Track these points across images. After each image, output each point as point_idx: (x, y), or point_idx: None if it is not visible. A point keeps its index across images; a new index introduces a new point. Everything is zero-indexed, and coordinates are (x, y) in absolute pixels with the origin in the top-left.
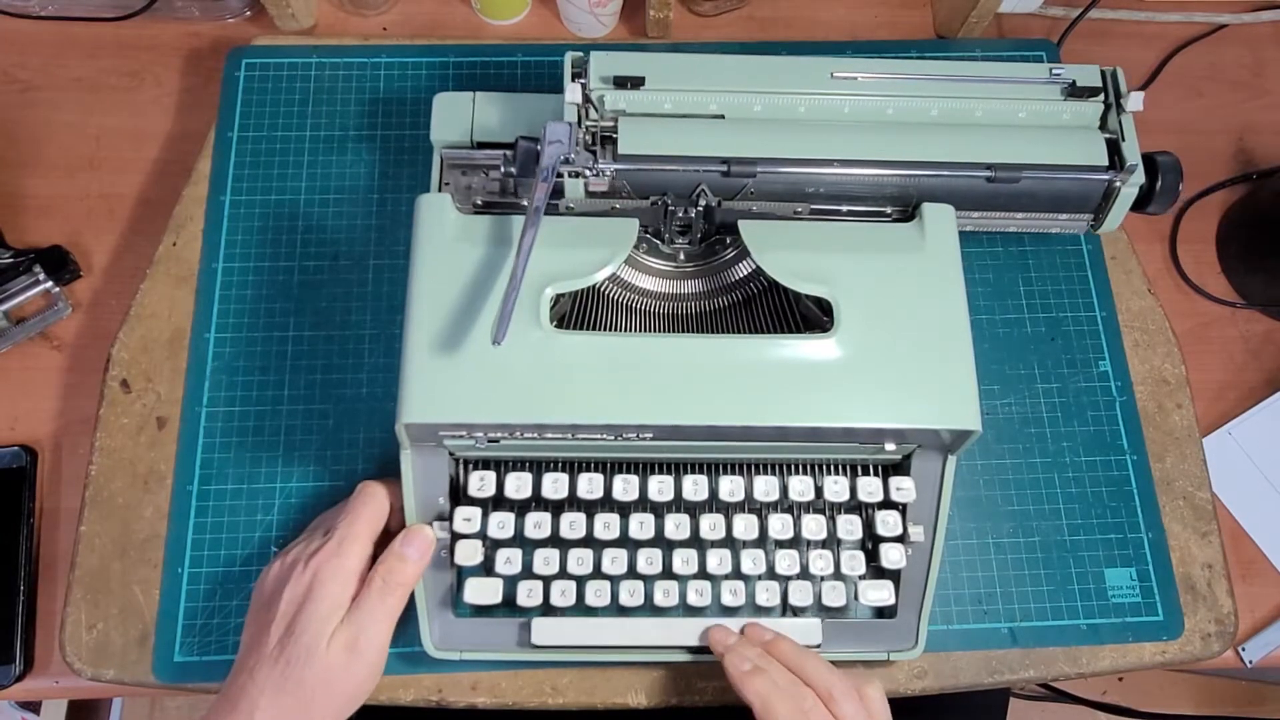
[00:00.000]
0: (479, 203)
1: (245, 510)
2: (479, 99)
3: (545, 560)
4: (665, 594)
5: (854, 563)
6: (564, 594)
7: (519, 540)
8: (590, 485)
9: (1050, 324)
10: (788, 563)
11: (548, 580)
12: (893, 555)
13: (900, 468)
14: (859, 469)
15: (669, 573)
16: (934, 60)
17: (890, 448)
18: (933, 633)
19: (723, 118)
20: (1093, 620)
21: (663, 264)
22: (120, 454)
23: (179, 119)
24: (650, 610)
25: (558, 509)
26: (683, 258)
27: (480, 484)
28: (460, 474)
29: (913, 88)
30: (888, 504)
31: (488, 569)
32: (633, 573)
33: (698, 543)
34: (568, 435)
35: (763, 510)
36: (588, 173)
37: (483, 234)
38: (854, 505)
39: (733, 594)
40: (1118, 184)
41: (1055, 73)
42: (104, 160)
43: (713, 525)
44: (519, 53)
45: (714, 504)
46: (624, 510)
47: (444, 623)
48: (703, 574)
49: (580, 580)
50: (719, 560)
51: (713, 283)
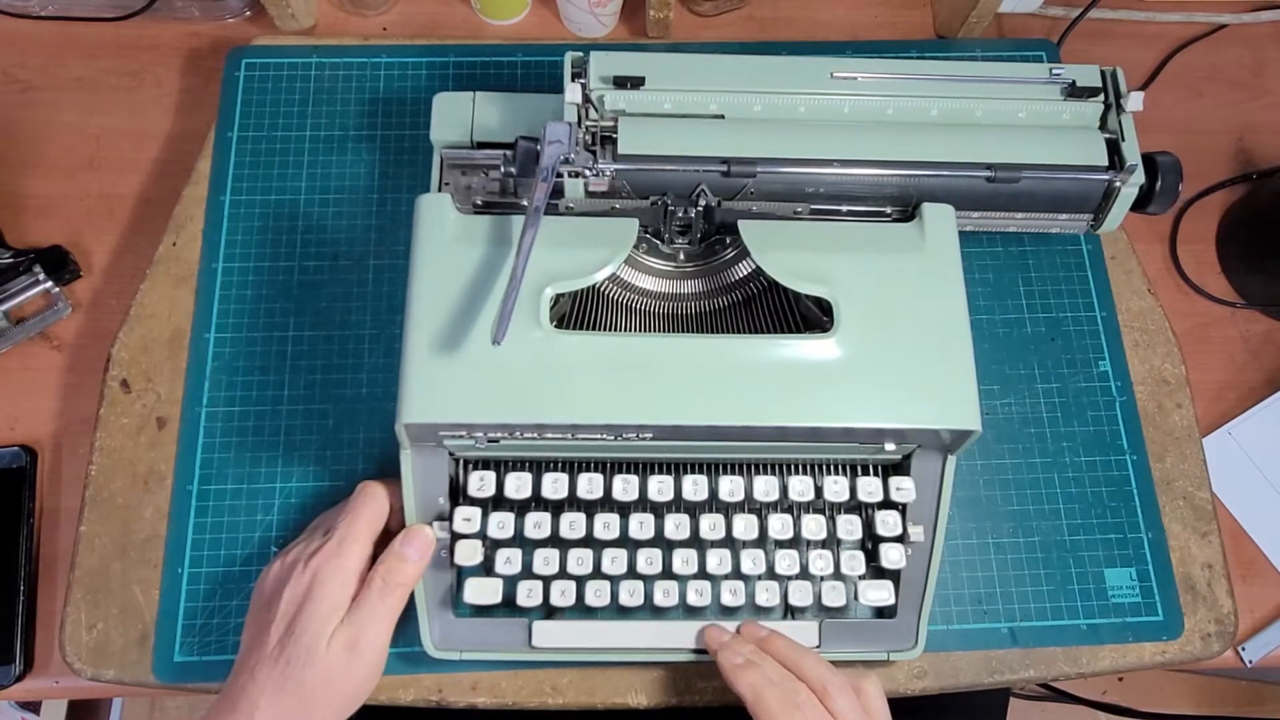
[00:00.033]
0: (479, 203)
1: (245, 510)
2: (479, 99)
3: (545, 560)
4: (665, 594)
5: (854, 563)
6: (564, 594)
7: (519, 540)
8: (590, 485)
9: (1050, 324)
10: (787, 563)
11: (548, 580)
12: (893, 555)
13: (900, 468)
14: (859, 469)
15: (669, 573)
16: (934, 60)
17: (890, 448)
18: (933, 633)
19: (723, 118)
20: (1093, 620)
21: (663, 264)
22: (120, 454)
23: (179, 119)
24: (650, 610)
25: (558, 509)
26: (683, 258)
27: (480, 484)
28: (460, 474)
29: (913, 88)
30: (888, 504)
31: (488, 569)
32: (633, 573)
33: (697, 543)
34: (568, 435)
35: (762, 510)
36: (587, 173)
37: (483, 234)
38: (854, 505)
39: (732, 594)
40: (1117, 184)
41: (1055, 73)
42: (104, 160)
43: (712, 525)
44: (519, 53)
45: (714, 504)
46: (624, 510)
47: (444, 623)
48: (702, 574)
49: (580, 580)
50: (719, 560)
51: (712, 283)
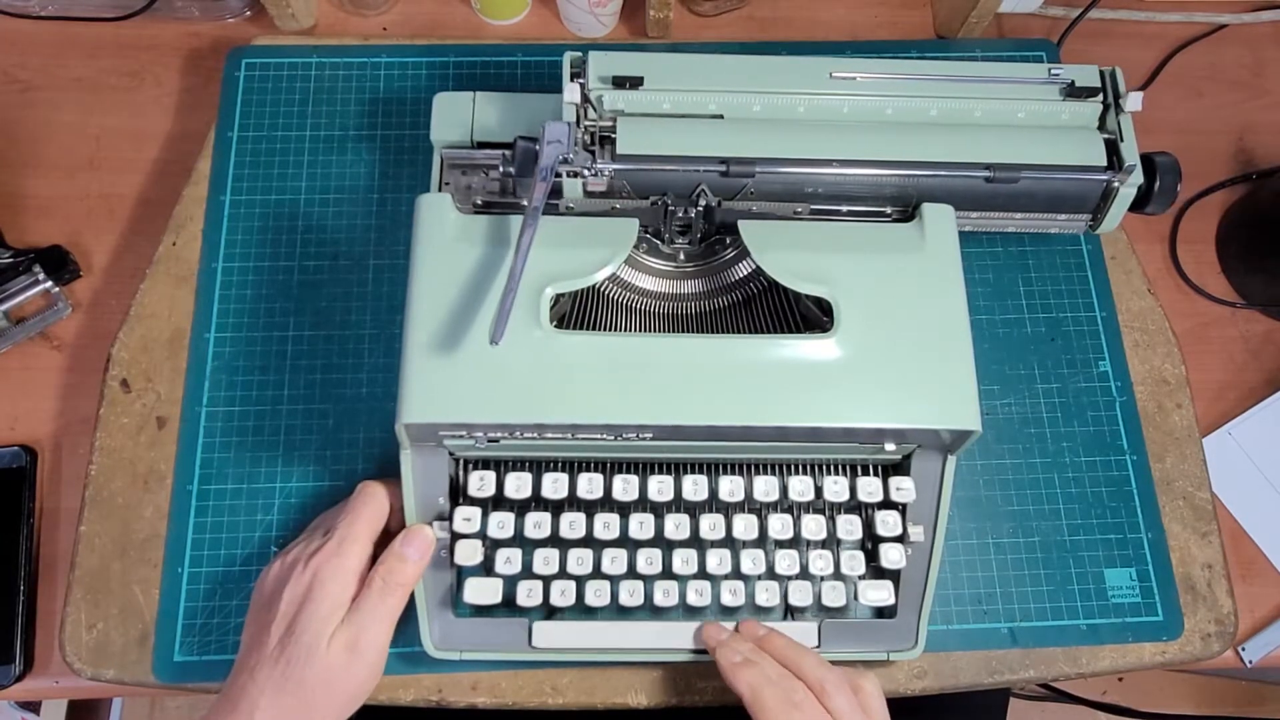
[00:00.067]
0: (479, 203)
1: (245, 510)
2: (479, 99)
3: (545, 560)
4: (665, 594)
5: (854, 563)
6: (564, 594)
7: (519, 540)
8: (590, 485)
9: (1050, 324)
10: (787, 563)
11: (548, 580)
12: (892, 555)
13: (900, 468)
14: (859, 469)
15: (669, 573)
16: (933, 60)
17: (890, 448)
18: (933, 633)
19: (721, 118)
20: (1093, 620)
21: (663, 264)
22: (120, 454)
23: (179, 119)
24: (650, 610)
25: (558, 509)
26: (683, 258)
27: (480, 484)
28: (460, 474)
29: (911, 88)
30: (888, 504)
31: (488, 569)
32: (632, 573)
33: (697, 543)
34: (568, 435)
35: (762, 510)
36: (586, 173)
37: (483, 234)
38: (854, 505)
39: (732, 594)
40: (1116, 184)
41: (1054, 73)
42: (104, 160)
43: (712, 525)
44: (519, 53)
45: (714, 504)
46: (624, 510)
47: (444, 623)
48: (702, 574)
49: (580, 580)
50: (719, 560)
51: (713, 283)
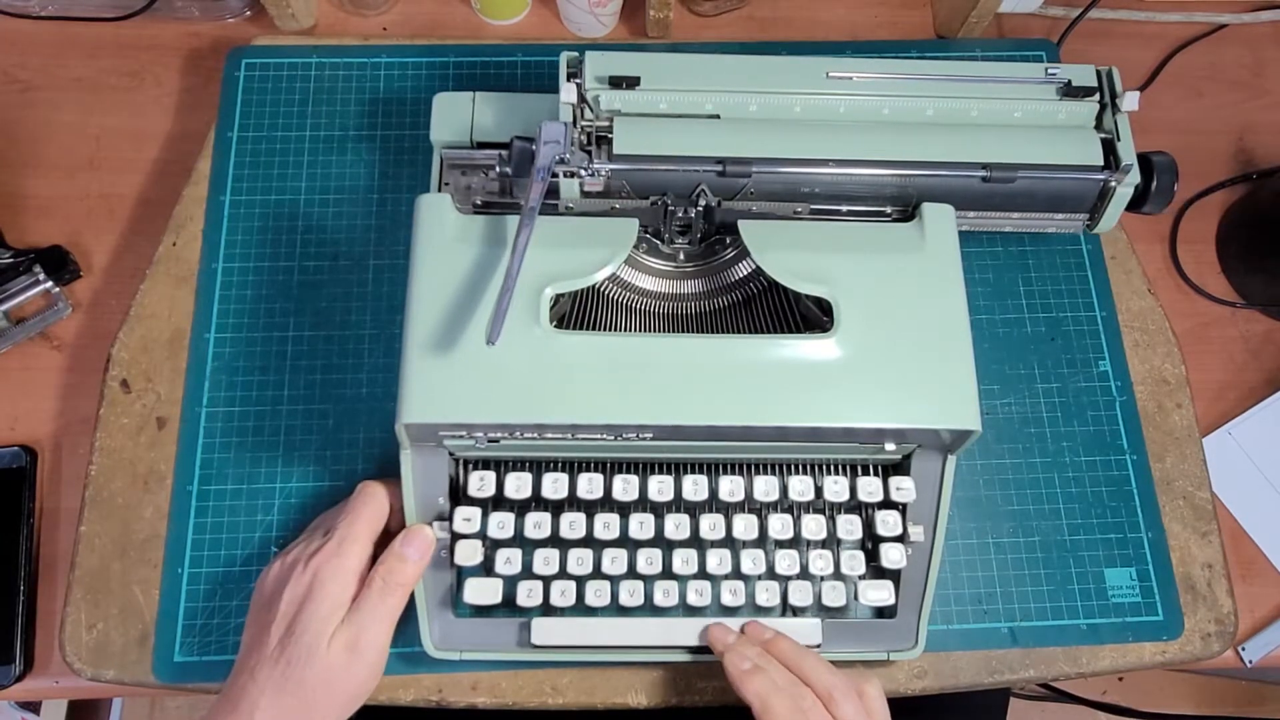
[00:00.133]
0: (479, 203)
1: (245, 510)
2: (479, 99)
3: (545, 560)
4: (665, 594)
5: (854, 563)
6: (564, 594)
7: (519, 540)
8: (590, 485)
9: (1050, 324)
10: (788, 563)
11: (548, 580)
12: (893, 555)
13: (900, 468)
14: (859, 469)
15: (669, 573)
16: (931, 60)
17: (890, 448)
18: (933, 633)
19: (718, 118)
20: (1093, 620)
21: (662, 264)
22: (120, 454)
23: (179, 119)
24: (650, 610)
25: (558, 509)
26: (682, 258)
27: (480, 484)
28: (460, 474)
29: (908, 87)
30: (888, 504)
31: (488, 569)
32: (633, 573)
33: (698, 543)
34: (567, 435)
35: (763, 510)
36: (583, 173)
37: (482, 234)
38: (854, 505)
39: (733, 594)
40: (1113, 184)
41: (1051, 72)
42: (104, 160)
43: (713, 525)
44: (519, 53)
45: (714, 504)
46: (624, 510)
47: (444, 623)
48: (703, 574)
49: (580, 580)
50: (719, 560)
51: (712, 283)
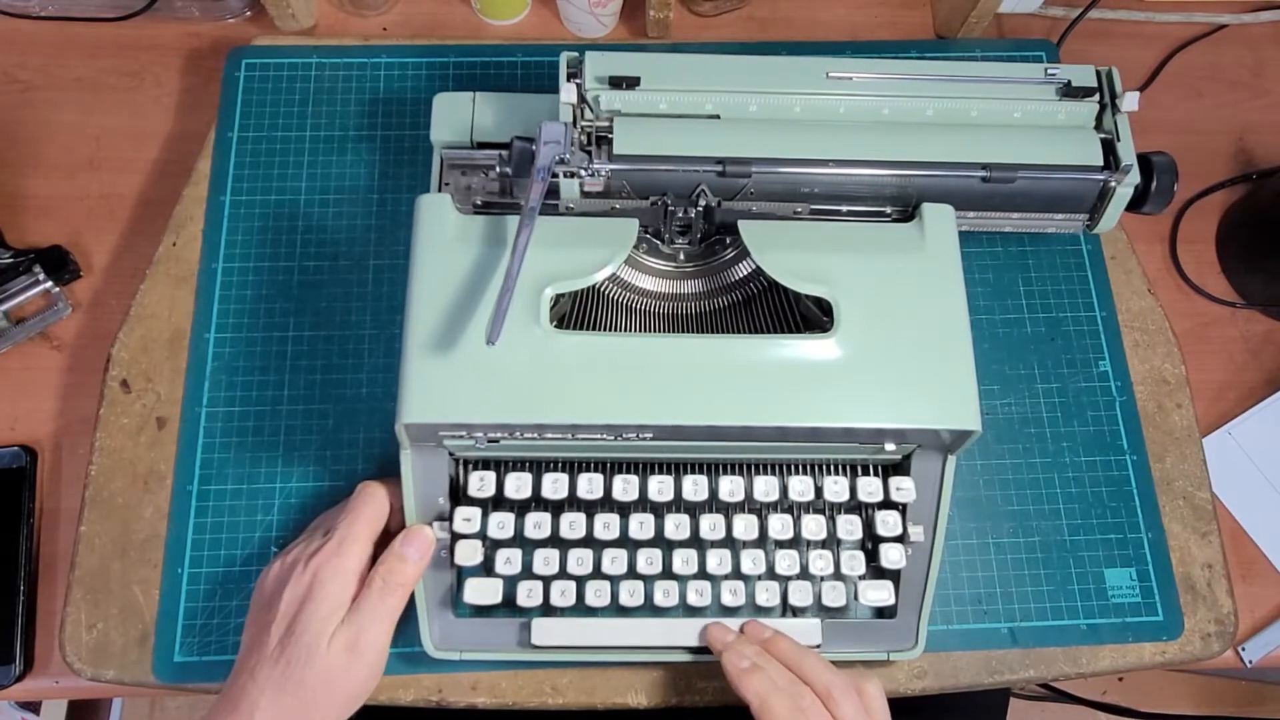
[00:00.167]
0: (479, 203)
1: (245, 510)
2: (479, 99)
3: (545, 560)
4: (665, 594)
5: (854, 563)
6: (564, 594)
7: (519, 540)
8: (590, 485)
9: (1050, 324)
10: (788, 563)
11: (548, 580)
12: (893, 555)
13: (900, 468)
14: (859, 469)
15: (669, 573)
16: (931, 60)
17: (890, 448)
18: (933, 633)
19: (718, 118)
20: (1093, 620)
21: (663, 264)
22: (120, 454)
23: (179, 119)
24: (650, 610)
25: (558, 509)
26: (683, 258)
27: (480, 484)
28: (460, 474)
29: (908, 88)
30: (888, 504)
31: (488, 569)
32: (633, 573)
33: (698, 543)
34: (567, 435)
35: (763, 510)
36: (583, 173)
37: (483, 234)
38: (854, 505)
39: (733, 594)
40: (1113, 184)
41: (1050, 73)
42: (104, 160)
43: (713, 525)
44: (519, 53)
45: (714, 504)
46: (624, 510)
47: (444, 623)
48: (703, 574)
49: (580, 580)
50: (719, 560)
51: (713, 283)
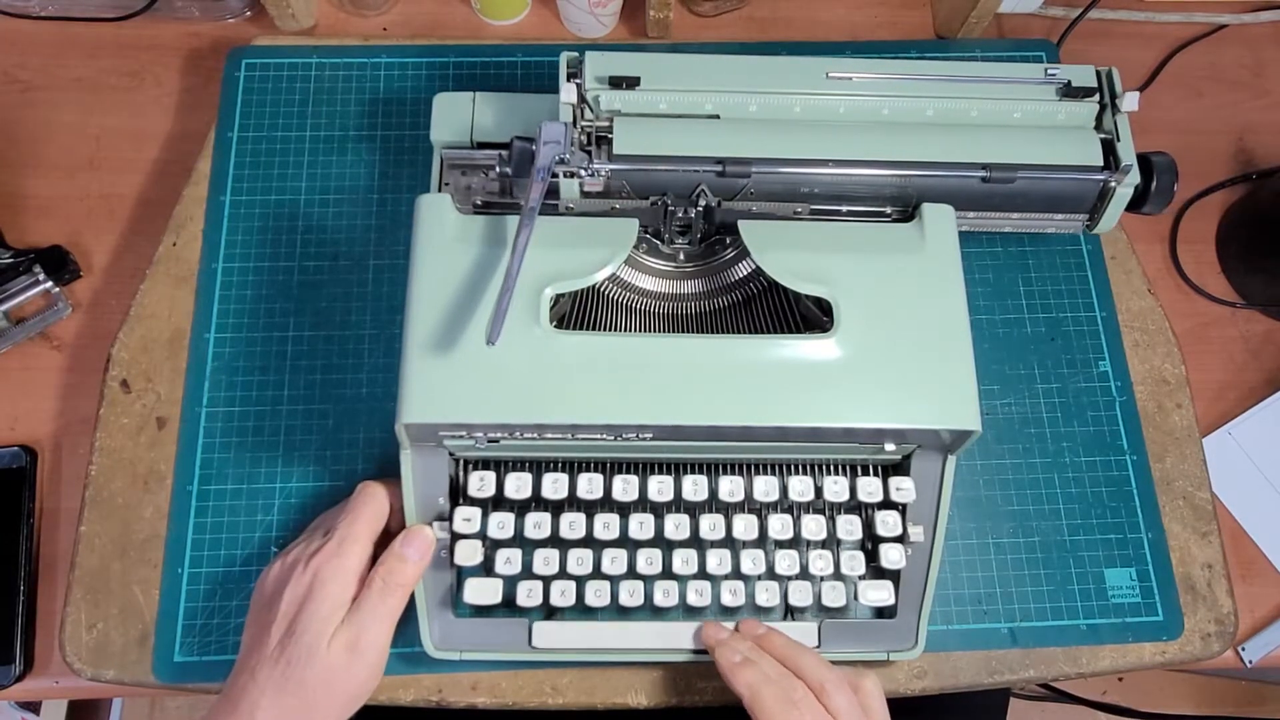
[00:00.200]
0: (479, 203)
1: (245, 510)
2: (479, 99)
3: (545, 560)
4: (665, 594)
5: (854, 563)
6: (564, 594)
7: (519, 540)
8: (590, 485)
9: (1050, 324)
10: (787, 563)
11: (548, 580)
12: (892, 555)
13: (900, 468)
14: (859, 469)
15: (669, 573)
16: (931, 60)
17: (890, 448)
18: (933, 633)
19: (718, 118)
20: (1093, 620)
21: (663, 264)
22: (120, 454)
23: (179, 119)
24: (650, 610)
25: (557, 509)
26: (683, 258)
27: (480, 484)
28: (460, 474)
29: (908, 88)
30: (887, 504)
31: (488, 569)
32: (632, 573)
33: (697, 543)
34: (567, 435)
35: (762, 510)
36: (583, 173)
37: (483, 234)
38: (854, 505)
39: (732, 594)
40: (1112, 184)
41: (1050, 73)
42: (104, 160)
43: (712, 525)
44: (519, 53)
45: (714, 504)
46: (624, 510)
47: (444, 623)
48: (702, 574)
49: (580, 580)
50: (719, 560)
51: (713, 283)
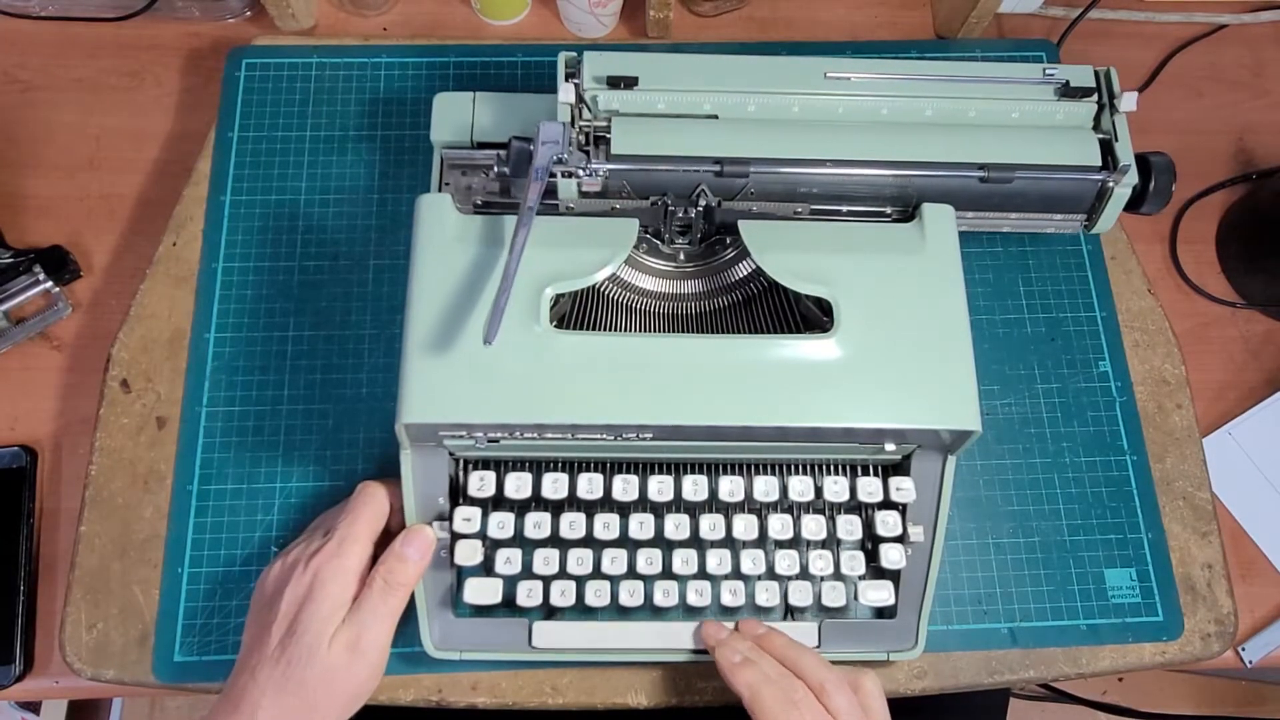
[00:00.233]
0: (479, 203)
1: (245, 510)
2: (479, 99)
3: (545, 560)
4: (665, 594)
5: (854, 563)
6: (564, 594)
7: (519, 540)
8: (590, 485)
9: (1050, 324)
10: (787, 563)
11: (548, 580)
12: (892, 555)
13: (900, 468)
14: (859, 469)
15: (669, 573)
16: (930, 60)
17: (890, 448)
18: (933, 633)
19: (716, 118)
20: (1093, 620)
21: (663, 264)
22: (120, 454)
23: (179, 119)
24: (650, 610)
25: (557, 509)
26: (683, 258)
27: (480, 484)
28: (460, 474)
29: (907, 88)
30: (887, 504)
31: (488, 569)
32: (632, 573)
33: (697, 543)
34: (567, 435)
35: (762, 510)
36: (581, 173)
37: (483, 234)
38: (854, 505)
39: (732, 594)
40: (1110, 184)
41: (1049, 73)
42: (104, 160)
43: (712, 525)
44: (519, 53)
45: (714, 504)
46: (624, 510)
47: (444, 623)
48: (702, 574)
49: (580, 580)
50: (719, 560)
51: (713, 283)
